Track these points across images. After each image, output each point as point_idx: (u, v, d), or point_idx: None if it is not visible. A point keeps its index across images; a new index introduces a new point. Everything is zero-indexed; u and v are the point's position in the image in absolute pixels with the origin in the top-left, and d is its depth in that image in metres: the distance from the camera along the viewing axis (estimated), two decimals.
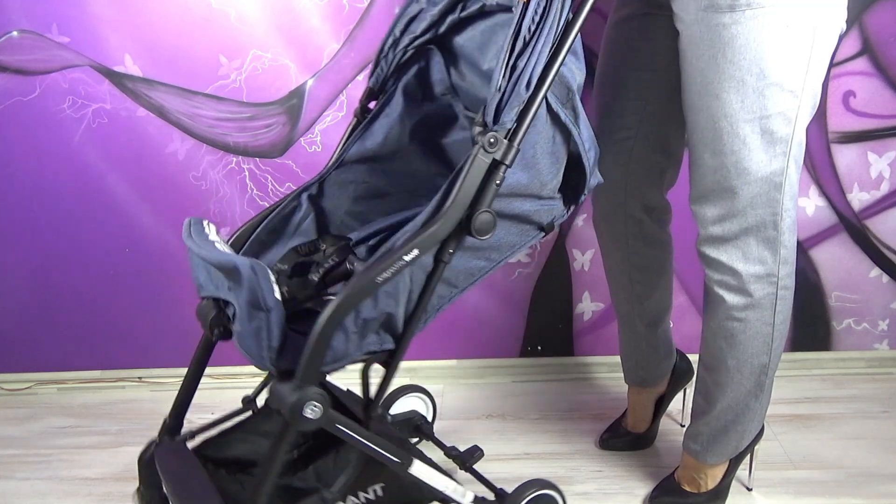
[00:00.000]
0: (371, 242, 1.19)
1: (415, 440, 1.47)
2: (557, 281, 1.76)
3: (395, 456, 1.05)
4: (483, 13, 1.18)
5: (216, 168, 1.65)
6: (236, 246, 1.21)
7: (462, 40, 1.23)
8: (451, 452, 1.31)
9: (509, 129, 0.96)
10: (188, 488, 1.11)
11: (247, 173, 1.66)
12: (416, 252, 0.94)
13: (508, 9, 1.12)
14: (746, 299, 1.15)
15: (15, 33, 1.54)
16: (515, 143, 0.96)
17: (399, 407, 1.49)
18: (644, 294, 1.40)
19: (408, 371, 1.80)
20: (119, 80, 1.57)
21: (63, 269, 1.73)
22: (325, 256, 1.12)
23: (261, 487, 0.97)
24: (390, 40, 1.22)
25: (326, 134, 1.63)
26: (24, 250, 1.72)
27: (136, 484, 1.21)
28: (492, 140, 0.94)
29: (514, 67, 0.97)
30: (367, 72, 1.57)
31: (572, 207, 1.11)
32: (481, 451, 1.30)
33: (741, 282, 1.14)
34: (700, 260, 1.18)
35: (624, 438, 1.54)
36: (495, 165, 0.96)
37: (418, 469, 1.08)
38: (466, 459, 1.29)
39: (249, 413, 1.31)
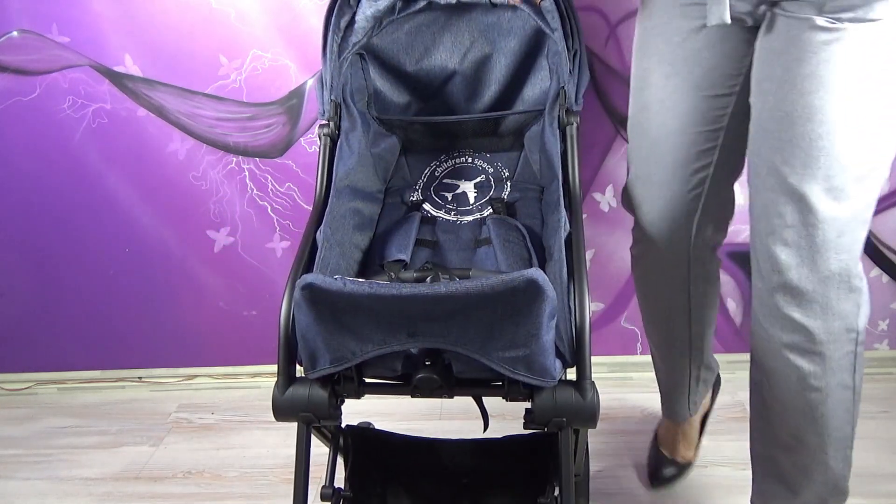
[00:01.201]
0: None
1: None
2: None
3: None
4: (414, 13, 1.20)
5: (216, 168, 1.65)
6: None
7: (384, 42, 1.25)
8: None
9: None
10: None
11: (247, 173, 1.65)
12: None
13: (443, 7, 1.17)
14: (824, 364, 0.97)
15: (15, 33, 1.54)
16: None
17: None
18: (700, 334, 1.28)
19: None
20: (119, 80, 1.57)
21: (63, 269, 1.73)
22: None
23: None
24: (335, 48, 1.19)
25: None
26: (24, 250, 1.72)
27: (136, 484, 1.21)
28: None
29: (575, 53, 1.11)
30: None
31: None
32: None
33: (816, 343, 0.96)
34: (762, 317, 1.01)
35: (682, 469, 1.43)
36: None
37: None
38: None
39: None
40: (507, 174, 1.34)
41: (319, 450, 1.07)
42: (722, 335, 1.79)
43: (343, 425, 1.07)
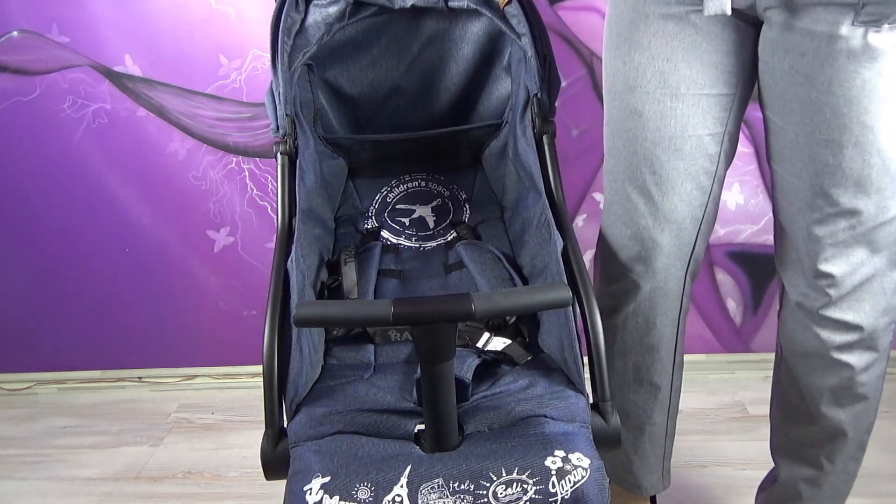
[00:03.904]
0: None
1: None
2: None
3: None
4: (363, 18, 1.13)
5: (216, 168, 1.65)
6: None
7: (330, 52, 1.17)
8: None
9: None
10: None
11: (247, 173, 1.65)
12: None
13: (390, 10, 1.08)
14: (873, 355, 0.97)
15: (15, 33, 1.53)
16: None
17: None
18: (679, 381, 1.17)
19: None
20: (119, 80, 1.57)
21: (63, 270, 1.73)
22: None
23: None
24: (286, 58, 1.08)
25: None
26: (24, 250, 1.72)
27: (136, 484, 1.20)
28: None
29: (544, 58, 1.06)
30: None
31: None
32: None
33: (867, 336, 0.96)
34: (810, 323, 0.98)
35: None
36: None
37: None
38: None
39: None
40: (464, 196, 1.26)
41: None
42: (722, 335, 1.79)
43: None
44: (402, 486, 0.72)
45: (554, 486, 0.72)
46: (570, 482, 0.72)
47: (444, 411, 0.75)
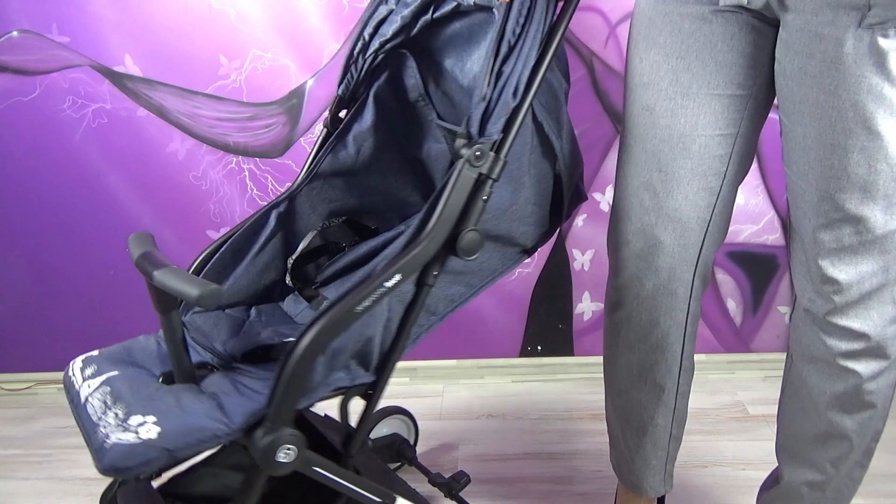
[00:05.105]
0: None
1: (396, 465, 1.40)
2: (557, 281, 1.76)
3: (376, 496, 0.98)
4: (458, 13, 1.06)
5: (216, 168, 1.65)
6: (197, 269, 1.10)
7: (437, 43, 1.13)
8: (436, 480, 1.23)
9: (495, 141, 0.88)
10: None
11: (247, 173, 1.65)
12: (398, 277, 0.87)
13: (486, 8, 1.01)
14: (881, 364, 0.96)
15: (15, 33, 1.54)
16: (502, 156, 0.89)
17: (382, 430, 1.42)
18: (686, 387, 1.16)
19: (408, 371, 1.80)
20: (119, 80, 1.57)
21: (63, 270, 1.73)
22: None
23: None
24: (359, 44, 1.12)
25: None
26: (24, 250, 1.72)
27: None
28: (478, 153, 0.87)
29: (499, 74, 0.88)
30: None
31: (556, 229, 1.03)
32: (468, 477, 1.23)
33: (874, 345, 0.94)
34: (817, 328, 0.97)
35: None
36: (482, 180, 0.89)
37: None
38: (453, 487, 1.22)
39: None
40: None
41: None
42: (722, 335, 1.79)
43: None
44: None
45: (108, 430, 0.86)
46: (120, 436, 0.84)
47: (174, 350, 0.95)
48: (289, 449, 0.85)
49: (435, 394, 1.53)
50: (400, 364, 0.99)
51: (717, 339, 1.79)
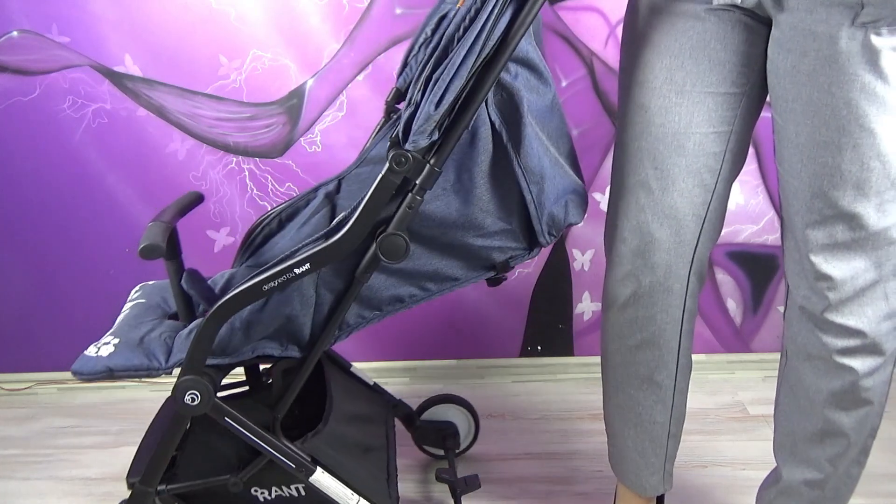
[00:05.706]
0: None
1: (440, 454, 1.46)
2: (557, 281, 1.76)
3: (291, 462, 1.05)
4: None
5: (216, 168, 1.65)
6: (248, 234, 1.24)
7: None
8: (442, 475, 1.27)
9: (425, 148, 0.86)
10: None
11: (247, 173, 1.65)
12: (307, 266, 0.90)
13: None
14: (877, 360, 0.96)
15: (15, 33, 1.54)
16: (433, 164, 0.87)
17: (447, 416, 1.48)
18: (684, 384, 1.17)
19: (407, 371, 1.80)
20: (119, 80, 1.57)
21: (63, 270, 1.73)
22: None
23: (154, 462, 1.06)
24: (421, 38, 1.11)
25: (326, 134, 1.62)
26: (24, 250, 1.72)
27: None
28: (402, 159, 0.86)
29: (429, 79, 0.86)
30: (367, 71, 1.57)
31: (537, 250, 1.01)
32: (479, 483, 1.26)
33: (870, 342, 0.95)
34: (813, 326, 0.98)
35: None
36: (405, 185, 0.88)
37: (320, 478, 1.06)
38: (458, 486, 1.25)
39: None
40: None
41: None
42: (722, 335, 1.79)
43: None
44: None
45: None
46: (92, 348, 1.03)
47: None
48: (194, 394, 0.97)
49: (435, 394, 1.53)
50: (400, 364, 0.99)
51: (717, 339, 1.79)
